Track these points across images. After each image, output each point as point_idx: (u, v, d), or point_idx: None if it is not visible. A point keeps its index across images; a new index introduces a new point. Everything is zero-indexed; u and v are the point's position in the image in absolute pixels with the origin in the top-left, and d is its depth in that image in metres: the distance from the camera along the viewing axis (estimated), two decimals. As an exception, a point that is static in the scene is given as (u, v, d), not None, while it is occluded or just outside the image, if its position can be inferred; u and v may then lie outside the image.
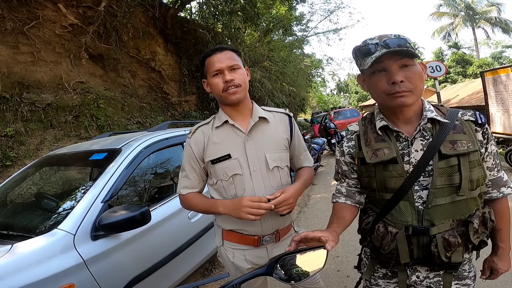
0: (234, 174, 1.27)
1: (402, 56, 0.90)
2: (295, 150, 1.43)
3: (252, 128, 1.30)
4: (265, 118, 1.33)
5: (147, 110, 7.38)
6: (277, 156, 1.32)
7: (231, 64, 1.24)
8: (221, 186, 1.31)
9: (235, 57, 1.28)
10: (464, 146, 0.91)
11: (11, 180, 2.50)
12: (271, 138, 1.33)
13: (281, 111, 1.43)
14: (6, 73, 4.84)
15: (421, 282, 1.06)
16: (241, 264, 1.35)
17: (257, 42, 12.27)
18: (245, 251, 1.35)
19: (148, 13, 7.59)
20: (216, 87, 1.26)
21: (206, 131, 1.33)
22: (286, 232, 1.41)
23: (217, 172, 1.29)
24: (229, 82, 1.22)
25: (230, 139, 1.30)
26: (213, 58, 1.25)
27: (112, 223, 1.57)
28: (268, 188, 1.28)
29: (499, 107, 6.27)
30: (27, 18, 5.25)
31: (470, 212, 0.95)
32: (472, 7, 27.16)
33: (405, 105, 0.92)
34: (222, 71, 1.24)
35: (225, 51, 1.26)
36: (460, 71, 26.70)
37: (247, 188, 1.27)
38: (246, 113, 1.33)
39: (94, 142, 2.67)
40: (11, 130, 4.48)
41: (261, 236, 1.32)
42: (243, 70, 1.30)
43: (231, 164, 1.27)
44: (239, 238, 1.34)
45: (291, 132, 1.39)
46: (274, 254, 1.26)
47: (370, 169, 1.02)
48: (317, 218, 4.36)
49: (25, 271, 1.34)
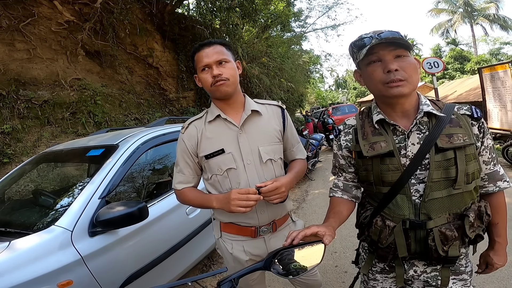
0: (229, 169, 1.29)
1: (396, 47, 0.92)
2: (288, 142, 1.44)
3: (245, 122, 1.31)
4: (258, 111, 1.34)
5: (144, 107, 7.35)
6: (270, 149, 1.33)
7: (219, 58, 1.24)
8: (216, 180, 1.32)
9: (224, 51, 1.28)
10: (460, 140, 0.92)
11: (9, 177, 2.49)
12: (264, 131, 1.33)
13: (273, 103, 1.43)
14: (2, 70, 4.81)
15: (419, 277, 1.06)
16: (240, 255, 1.37)
17: (255, 38, 12.21)
18: (243, 242, 1.37)
19: (145, 9, 7.53)
20: (205, 82, 1.27)
21: (199, 126, 1.34)
22: (283, 222, 1.43)
23: (212, 167, 1.30)
24: (217, 76, 1.23)
25: (223, 133, 1.30)
26: (201, 53, 1.26)
27: (109, 219, 1.57)
28: (262, 181, 1.27)
29: (496, 103, 6.29)
30: (22, 15, 5.20)
31: (466, 205, 0.96)
32: (470, 3, 27.11)
33: (401, 94, 0.93)
34: (210, 66, 1.24)
35: (213, 46, 1.26)
36: (458, 68, 26.75)
37: (242, 182, 1.29)
38: (238, 106, 1.34)
39: (91, 138, 2.66)
40: (8, 127, 4.46)
41: (258, 227, 1.34)
42: (232, 64, 1.29)
43: (225, 159, 1.28)
44: (237, 230, 1.36)
45: (283, 124, 1.39)
46: (272, 245, 1.37)
47: (367, 163, 1.02)
48: (315, 214, 4.37)
49: (23, 268, 1.34)
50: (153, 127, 2.62)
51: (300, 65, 15.85)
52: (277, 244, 1.35)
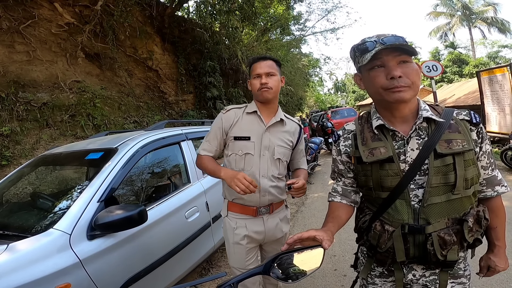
0: (247, 153, 1.61)
1: (400, 53, 0.92)
2: (297, 154, 1.78)
3: (272, 125, 1.64)
4: (283, 121, 1.68)
5: (144, 109, 7.36)
6: (282, 151, 1.66)
7: (269, 71, 1.59)
8: (234, 159, 1.63)
9: (274, 66, 1.62)
10: (459, 145, 0.92)
11: (7, 180, 2.48)
12: (282, 137, 1.67)
13: (295, 120, 1.79)
14: (2, 72, 4.81)
15: (417, 281, 1.06)
16: (241, 231, 1.65)
17: (254, 42, 12.27)
18: (246, 221, 1.66)
19: (145, 12, 7.57)
20: (254, 86, 1.63)
21: (237, 113, 1.66)
22: (279, 206, 1.74)
23: (236, 147, 1.62)
24: (264, 84, 1.57)
25: (254, 126, 1.63)
26: (257, 65, 1.61)
27: (108, 223, 1.56)
28: (269, 171, 1.62)
29: (494, 107, 6.31)
30: (22, 17, 5.21)
31: (465, 210, 0.96)
32: (468, 7, 27.25)
33: (403, 100, 0.93)
34: (261, 76, 1.59)
35: (267, 60, 1.62)
36: (456, 71, 26.81)
37: (254, 166, 1.61)
38: (271, 112, 1.68)
39: (90, 142, 2.66)
40: (7, 129, 4.46)
41: (258, 207, 1.64)
42: (278, 78, 1.63)
43: (247, 144, 1.61)
44: (241, 209, 1.66)
45: (298, 138, 1.76)
46: (269, 224, 1.69)
47: (366, 168, 1.03)
48: (314, 217, 4.37)
49: (21, 271, 1.33)
50: (152, 131, 2.62)
51: (299, 69, 15.92)
52: (273, 224, 1.69)
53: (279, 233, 1.73)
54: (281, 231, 1.73)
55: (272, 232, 1.70)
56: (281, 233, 1.74)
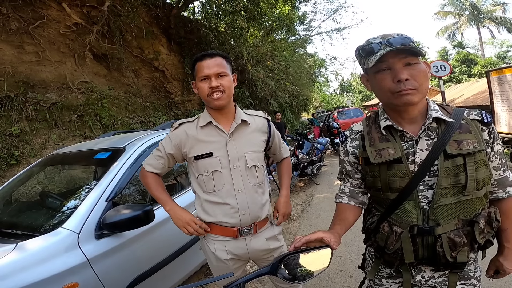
0: (214, 171, 1.38)
1: (406, 55, 0.90)
2: (276, 147, 1.61)
3: (234, 130, 1.41)
4: (246, 121, 1.44)
5: (150, 110, 7.41)
6: (255, 156, 1.44)
7: (219, 71, 1.33)
8: (202, 180, 1.41)
9: (224, 63, 1.37)
10: (470, 146, 0.90)
11: (16, 179, 2.51)
12: (251, 140, 1.45)
13: (260, 115, 1.54)
14: (11, 72, 4.88)
15: (426, 282, 1.05)
16: (222, 254, 1.44)
17: (260, 42, 12.26)
18: (226, 242, 1.45)
19: (151, 12, 7.62)
20: (202, 91, 1.35)
21: (189, 128, 1.42)
22: (263, 225, 1.51)
23: (199, 168, 1.40)
24: (214, 88, 1.32)
25: (213, 138, 1.40)
26: (203, 64, 1.34)
27: (116, 222, 1.57)
28: (246, 184, 1.40)
29: (504, 107, 6.22)
30: (31, 18, 5.29)
31: (476, 212, 0.94)
32: (477, 6, 26.94)
33: (411, 103, 0.91)
34: (209, 77, 1.33)
35: (215, 57, 1.35)
36: (465, 71, 26.50)
37: (226, 184, 1.39)
38: (229, 116, 1.43)
39: (98, 141, 2.68)
40: (16, 129, 4.52)
41: (239, 227, 1.42)
42: (230, 77, 1.39)
43: (212, 162, 1.38)
44: (220, 230, 1.44)
45: (269, 133, 1.53)
46: (252, 245, 1.47)
47: (374, 169, 1.01)
48: (320, 218, 4.35)
49: (30, 270, 1.35)
50: (159, 130, 2.64)
51: (305, 69, 15.88)
52: (257, 244, 1.47)
53: (265, 253, 1.51)
54: (267, 251, 1.51)
55: (256, 254, 1.50)
56: (268, 253, 1.52)
